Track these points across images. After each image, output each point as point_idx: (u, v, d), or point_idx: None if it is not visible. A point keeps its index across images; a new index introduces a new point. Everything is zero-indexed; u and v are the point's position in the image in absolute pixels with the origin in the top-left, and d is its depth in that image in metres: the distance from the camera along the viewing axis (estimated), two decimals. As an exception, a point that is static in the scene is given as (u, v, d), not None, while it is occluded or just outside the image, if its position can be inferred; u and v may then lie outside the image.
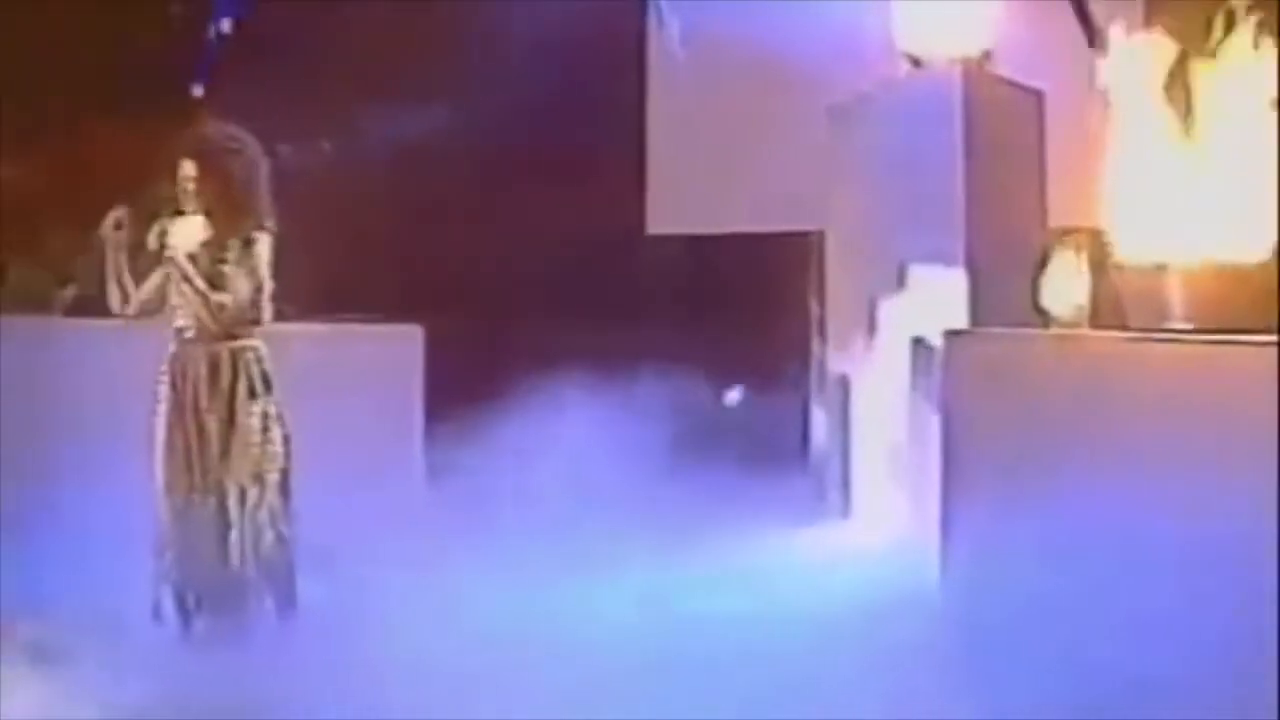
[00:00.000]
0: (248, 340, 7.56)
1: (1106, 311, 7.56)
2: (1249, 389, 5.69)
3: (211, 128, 7.79)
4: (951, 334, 8.04)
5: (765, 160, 11.23)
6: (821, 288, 10.93)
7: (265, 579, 7.51)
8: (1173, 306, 6.80)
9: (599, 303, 11.02)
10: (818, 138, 10.46)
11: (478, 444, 9.10)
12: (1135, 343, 6.66)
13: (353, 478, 8.53)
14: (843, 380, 10.46)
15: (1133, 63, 7.13)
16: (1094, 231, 7.58)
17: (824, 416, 10.88)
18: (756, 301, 11.46)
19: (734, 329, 11.24)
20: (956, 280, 9.55)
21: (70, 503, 8.00)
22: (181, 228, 7.57)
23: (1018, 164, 9.77)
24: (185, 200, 7.57)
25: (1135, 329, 6.84)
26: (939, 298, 9.51)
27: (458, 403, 9.38)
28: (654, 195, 12.02)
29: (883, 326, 9.99)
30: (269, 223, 7.58)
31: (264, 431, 7.52)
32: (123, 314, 7.70)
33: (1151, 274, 6.90)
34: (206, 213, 7.57)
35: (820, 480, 10.64)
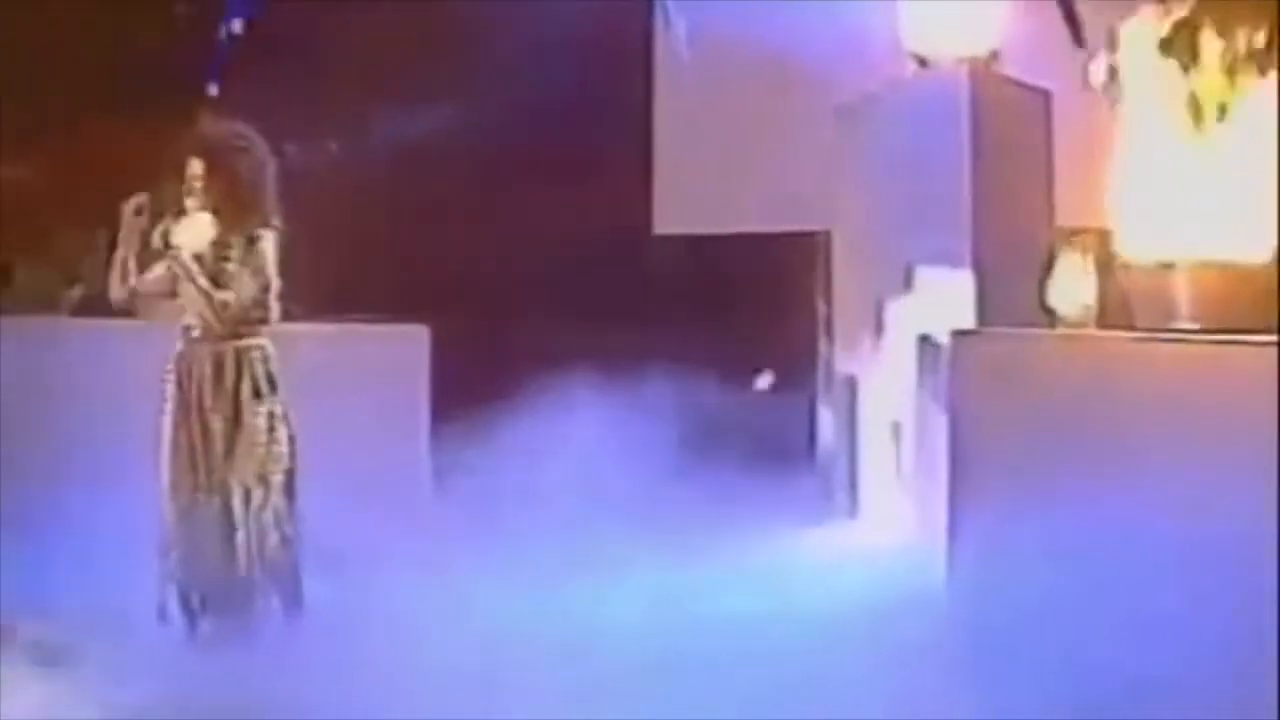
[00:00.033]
0: (253, 339, 7.56)
1: (1113, 311, 7.55)
2: (1256, 389, 5.68)
3: (219, 126, 7.80)
4: (958, 334, 8.02)
5: (772, 160, 11.23)
6: (828, 288, 10.94)
7: (271, 580, 7.51)
8: (1180, 306, 6.79)
9: (606, 303, 11.01)
10: (824, 138, 10.47)
11: (484, 444, 9.09)
12: (1142, 343, 6.66)
13: (359, 478, 8.53)
14: (850, 380, 10.45)
15: (1139, 63, 7.12)
16: (1101, 231, 7.56)
17: (831, 417, 10.88)
18: (763, 302, 11.45)
19: (741, 329, 11.23)
20: (963, 280, 9.54)
21: (76, 503, 8.00)
22: (188, 226, 7.58)
23: (1025, 164, 9.75)
24: (192, 198, 7.57)
25: (1142, 329, 6.83)
26: (946, 297, 9.49)
27: (464, 403, 9.37)
28: (660, 195, 12.02)
29: (890, 326, 9.99)
30: (275, 221, 7.58)
31: (269, 432, 7.52)
32: (119, 298, 7.70)
33: (1159, 274, 6.89)
34: (214, 211, 7.58)
35: (827, 480, 10.64)
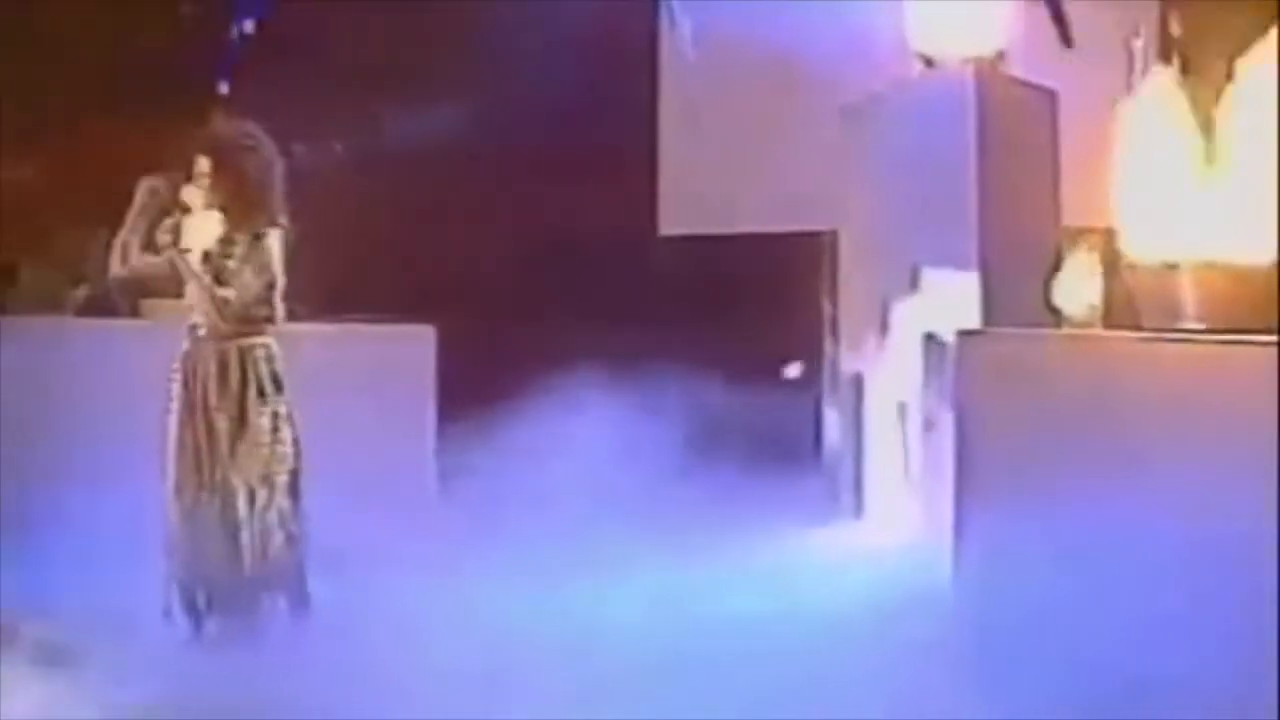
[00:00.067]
0: (258, 338, 7.54)
1: (1119, 311, 7.55)
2: (1261, 390, 5.68)
3: (227, 125, 7.80)
4: (964, 333, 8.01)
5: (777, 161, 11.22)
6: (834, 288, 10.93)
7: (276, 580, 7.50)
8: (1186, 307, 6.78)
9: (611, 303, 11.00)
10: (830, 138, 10.46)
11: (490, 444, 9.09)
12: (1148, 343, 6.65)
13: (365, 479, 8.52)
14: (855, 380, 10.45)
15: (1147, 63, 7.13)
16: (1107, 231, 7.57)
17: (837, 417, 10.88)
18: (769, 302, 11.43)
19: (746, 330, 11.21)
20: (969, 279, 9.53)
21: (80, 502, 7.99)
22: (194, 224, 7.57)
23: (1031, 164, 9.74)
24: (199, 197, 7.57)
25: (1148, 329, 6.82)
26: (951, 297, 9.49)
27: (470, 403, 9.36)
28: (666, 196, 12.02)
29: (895, 326, 9.98)
30: (282, 219, 7.58)
31: (274, 432, 7.51)
32: (117, 275, 7.70)
33: (1164, 274, 6.89)
34: (221, 209, 7.57)
35: (833, 480, 10.64)
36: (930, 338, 9.45)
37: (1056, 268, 8.60)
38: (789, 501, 9.88)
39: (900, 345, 9.91)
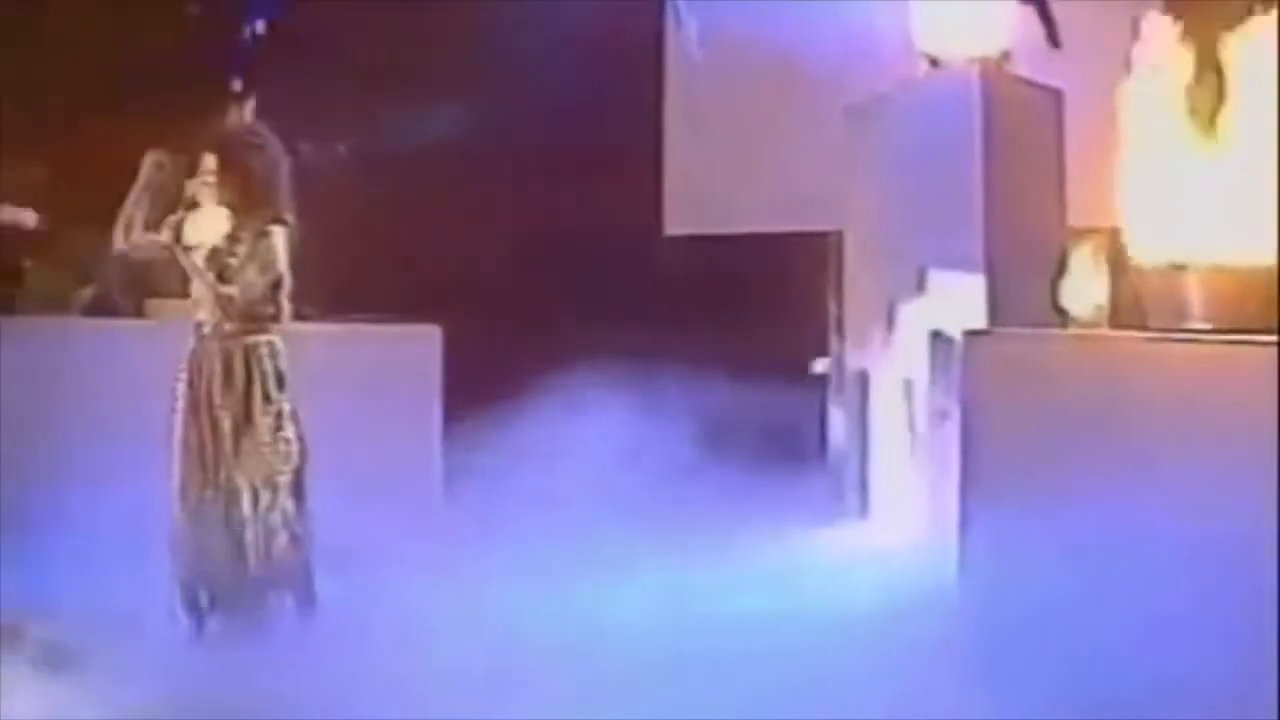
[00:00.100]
0: (262, 336, 7.53)
1: (1125, 311, 7.54)
2: (1267, 390, 5.67)
3: (233, 124, 7.79)
4: (970, 333, 8.01)
5: (783, 160, 11.22)
6: (840, 288, 10.93)
7: (281, 579, 7.50)
8: (1192, 307, 6.78)
9: (617, 303, 11.01)
10: (836, 138, 10.46)
11: (496, 445, 9.09)
12: (1154, 343, 6.65)
13: (371, 479, 8.52)
14: (861, 380, 10.45)
15: (1151, 63, 7.11)
16: (1113, 231, 7.56)
17: (842, 417, 10.88)
18: (774, 302, 11.44)
19: (751, 330, 11.22)
20: (975, 279, 9.52)
21: (84, 502, 7.99)
22: (199, 221, 7.57)
23: (1036, 164, 9.73)
24: (205, 194, 7.56)
25: (1154, 329, 6.82)
26: (957, 297, 9.48)
27: (476, 403, 9.37)
28: (671, 196, 12.03)
29: (901, 325, 9.98)
30: (286, 216, 7.57)
31: (277, 431, 7.51)
32: (119, 249, 7.69)
33: (1171, 274, 6.88)
34: (228, 207, 7.57)
35: (838, 480, 10.64)
36: (937, 335, 9.44)
37: (1062, 268, 8.58)
38: (794, 501, 9.88)
39: (906, 345, 9.90)
